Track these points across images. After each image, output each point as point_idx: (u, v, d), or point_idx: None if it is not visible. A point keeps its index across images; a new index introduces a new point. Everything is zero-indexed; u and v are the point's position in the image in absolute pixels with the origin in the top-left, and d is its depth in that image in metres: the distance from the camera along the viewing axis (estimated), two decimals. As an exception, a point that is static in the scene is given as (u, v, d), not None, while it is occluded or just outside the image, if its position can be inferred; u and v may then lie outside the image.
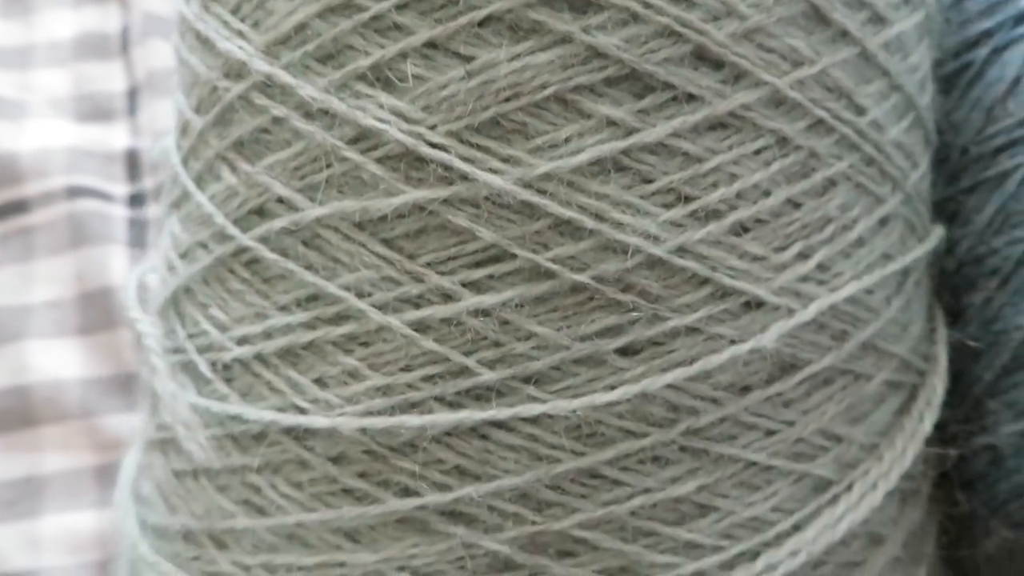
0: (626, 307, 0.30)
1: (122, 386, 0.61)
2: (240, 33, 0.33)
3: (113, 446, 0.58)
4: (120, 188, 0.65)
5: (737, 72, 0.30)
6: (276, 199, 0.32)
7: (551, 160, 0.29)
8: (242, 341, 0.33)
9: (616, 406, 0.30)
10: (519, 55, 0.29)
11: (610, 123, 0.30)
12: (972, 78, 0.42)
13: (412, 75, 0.30)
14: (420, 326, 0.31)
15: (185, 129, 0.36)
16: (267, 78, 0.32)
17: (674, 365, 0.30)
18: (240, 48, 0.32)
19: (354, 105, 0.30)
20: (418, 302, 0.31)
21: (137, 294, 0.39)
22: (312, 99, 0.31)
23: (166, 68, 0.66)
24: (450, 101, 0.30)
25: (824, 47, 0.32)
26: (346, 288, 0.31)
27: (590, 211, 0.30)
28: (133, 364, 0.61)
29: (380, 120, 0.30)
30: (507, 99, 0.29)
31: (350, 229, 0.31)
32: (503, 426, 0.30)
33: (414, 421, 0.30)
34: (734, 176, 0.31)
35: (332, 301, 0.32)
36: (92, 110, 0.67)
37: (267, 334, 0.33)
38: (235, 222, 0.33)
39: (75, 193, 0.63)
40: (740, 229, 0.31)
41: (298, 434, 0.32)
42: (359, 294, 0.31)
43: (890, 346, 0.35)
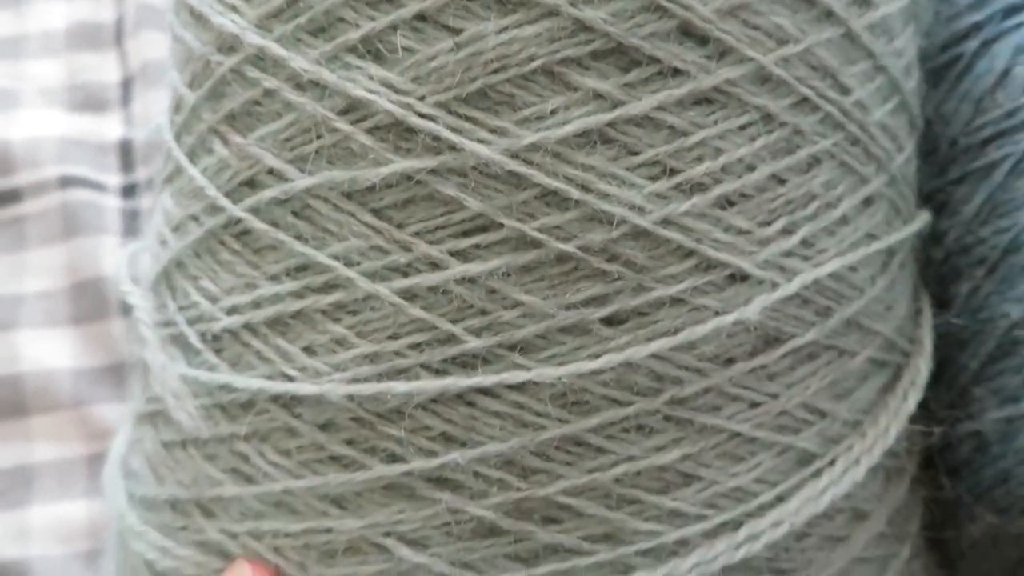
0: (611, 277, 0.31)
1: (113, 376, 0.61)
2: (233, 7, 0.33)
3: (104, 436, 0.59)
4: (113, 178, 0.64)
5: (722, 48, 0.31)
6: (267, 171, 0.33)
7: (538, 131, 0.30)
8: (232, 311, 0.34)
9: (601, 374, 0.31)
10: (507, 28, 0.30)
11: (596, 96, 0.30)
12: (962, 70, 0.43)
13: (402, 47, 0.30)
14: (408, 294, 0.31)
15: (178, 105, 0.36)
16: (259, 51, 0.32)
17: (658, 335, 0.31)
18: (233, 22, 0.33)
19: (344, 77, 0.31)
20: (406, 271, 0.31)
21: (129, 272, 0.39)
22: (303, 71, 0.31)
23: (160, 59, 0.66)
24: (439, 72, 0.30)
25: (809, 26, 0.32)
26: (335, 257, 0.32)
27: (576, 182, 0.30)
28: (125, 354, 0.61)
29: (370, 91, 0.30)
30: (495, 71, 0.30)
31: (339, 199, 0.32)
32: (489, 393, 0.31)
33: (401, 387, 0.31)
34: (719, 150, 0.31)
35: (321, 270, 0.32)
36: (85, 100, 0.67)
37: (256, 304, 0.33)
38: (227, 194, 0.34)
39: (68, 183, 0.63)
40: (725, 202, 0.31)
41: (286, 402, 0.32)
42: (348, 263, 0.31)
43: (874, 324, 0.35)
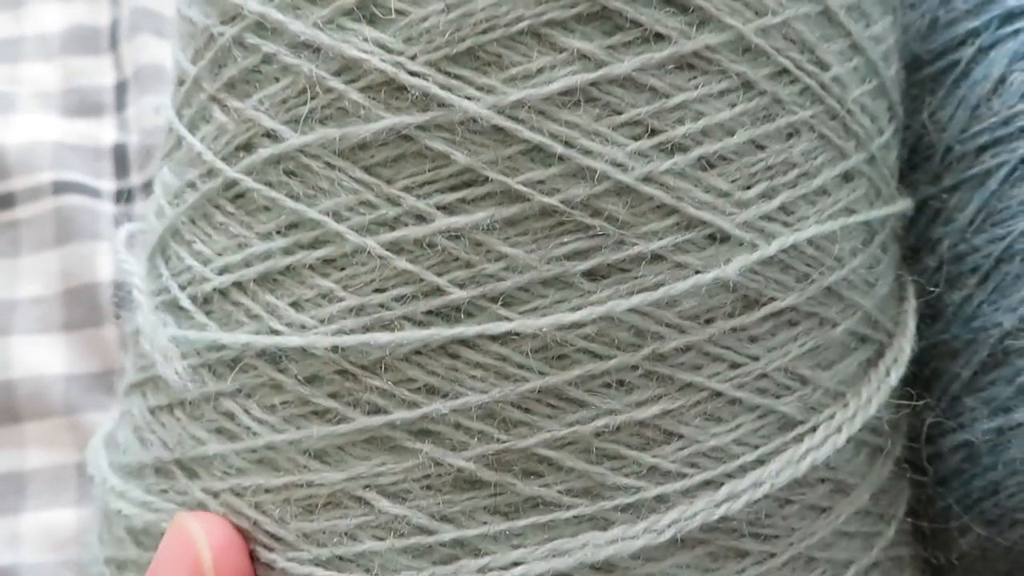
0: (593, 231, 0.31)
1: (106, 383, 0.61)
2: (237, -20, 0.34)
3: (96, 443, 0.58)
4: (107, 184, 0.64)
5: (703, 16, 0.32)
6: (263, 133, 0.34)
7: (524, 89, 0.31)
8: (223, 271, 0.34)
9: (582, 327, 0.31)
10: (495, -10, 0.31)
11: (581, 56, 0.31)
12: (958, 77, 0.43)
13: (395, 9, 0.32)
14: (394, 247, 0.32)
15: (181, 81, 0.37)
16: (261, 17, 0.33)
17: (639, 290, 0.31)
18: (237, -8, 0.34)
19: (340, 39, 0.32)
20: (393, 224, 0.32)
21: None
22: (301, 34, 0.32)
23: (155, 63, 0.66)
24: (429, 33, 0.31)
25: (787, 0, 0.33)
26: (325, 213, 0.32)
27: (560, 138, 0.31)
28: (118, 361, 0.61)
29: (363, 51, 0.32)
30: (483, 31, 0.31)
31: (331, 156, 0.32)
32: (471, 344, 0.31)
33: (384, 338, 0.31)
34: (699, 113, 0.32)
35: (312, 227, 0.33)
36: (80, 105, 0.67)
37: (247, 262, 0.34)
38: (223, 159, 0.35)
39: (62, 188, 0.63)
40: (705, 164, 0.32)
41: (272, 357, 0.33)
42: (338, 218, 0.32)
43: (855, 296, 0.35)
